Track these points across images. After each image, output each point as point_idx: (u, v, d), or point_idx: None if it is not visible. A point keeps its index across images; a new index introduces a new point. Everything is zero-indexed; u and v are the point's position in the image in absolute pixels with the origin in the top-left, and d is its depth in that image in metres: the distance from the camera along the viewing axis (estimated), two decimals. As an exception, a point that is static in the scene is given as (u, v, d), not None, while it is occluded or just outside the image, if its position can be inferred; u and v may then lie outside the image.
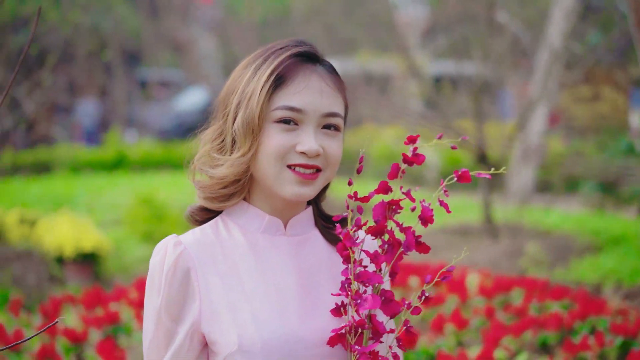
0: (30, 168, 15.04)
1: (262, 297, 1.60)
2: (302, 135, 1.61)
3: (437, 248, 7.97)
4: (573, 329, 4.39)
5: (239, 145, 1.62)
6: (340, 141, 1.69)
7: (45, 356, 4.34)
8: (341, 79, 1.70)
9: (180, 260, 1.62)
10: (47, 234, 8.33)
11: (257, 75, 1.61)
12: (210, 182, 1.65)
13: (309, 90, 1.62)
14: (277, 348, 1.56)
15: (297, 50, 1.64)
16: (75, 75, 18.65)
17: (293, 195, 1.62)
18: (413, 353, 3.95)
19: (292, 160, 1.61)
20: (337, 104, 1.67)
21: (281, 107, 1.60)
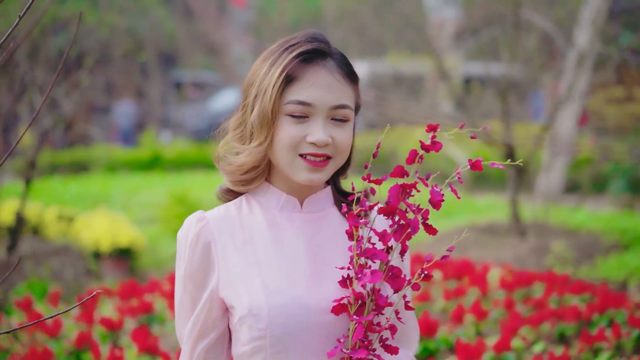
0: (68, 167, 15.39)
1: (274, 267, 1.78)
2: (311, 127, 1.77)
3: (464, 246, 8.10)
4: (591, 321, 4.49)
5: (256, 136, 1.79)
6: (349, 130, 1.83)
7: (82, 343, 4.56)
8: (352, 70, 1.84)
9: (202, 234, 1.81)
10: (85, 230, 8.59)
11: (271, 71, 1.77)
12: (231, 169, 1.83)
13: (317, 85, 1.76)
14: (283, 313, 1.74)
15: (306, 48, 1.78)
16: (112, 77, 18.97)
17: (305, 181, 1.79)
18: (432, 341, 4.11)
19: (303, 149, 1.77)
20: (346, 96, 1.80)
21: (292, 101, 1.76)
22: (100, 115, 21.41)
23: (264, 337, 1.74)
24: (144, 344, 4.32)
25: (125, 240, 8.23)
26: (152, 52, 20.84)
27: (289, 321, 1.74)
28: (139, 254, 8.33)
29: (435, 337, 4.13)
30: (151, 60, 20.98)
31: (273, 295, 1.75)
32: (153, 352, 4.31)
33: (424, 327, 4.06)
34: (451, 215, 10.91)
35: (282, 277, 1.78)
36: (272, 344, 1.74)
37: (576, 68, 8.40)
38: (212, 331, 1.82)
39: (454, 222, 9.94)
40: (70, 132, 14.09)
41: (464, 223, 9.40)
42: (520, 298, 4.91)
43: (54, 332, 4.78)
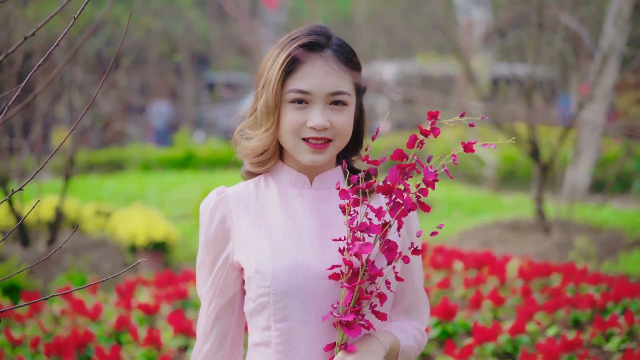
0: (104, 166, 15.79)
1: (283, 233, 1.99)
2: (311, 113, 1.96)
3: (489, 241, 8.28)
4: (605, 309, 4.66)
5: (263, 123, 2.01)
6: (348, 114, 2.00)
7: (121, 326, 4.84)
8: (350, 59, 2.01)
9: (220, 205, 2.06)
10: (121, 225, 8.89)
11: (275, 63, 1.98)
12: (246, 152, 2.06)
13: (314, 74, 1.95)
14: (285, 273, 1.95)
15: (304, 41, 1.97)
16: (147, 77, 19.33)
17: (309, 162, 1.99)
18: (451, 324, 4.33)
19: (305, 134, 1.97)
20: (343, 83, 1.98)
21: (292, 90, 1.96)
22: (135, 115, 21.83)
23: (268, 294, 1.95)
24: (179, 326, 4.59)
25: (160, 234, 8.51)
26: (186, 53, 21.22)
27: (290, 280, 1.95)
28: (173, 248, 8.61)
29: (454, 321, 4.35)
30: (185, 62, 21.35)
31: (278, 256, 1.97)
32: (187, 334, 4.58)
33: (443, 312, 4.28)
34: (477, 212, 11.10)
35: (289, 242, 1.99)
36: (275, 301, 1.95)
37: (601, 68, 8.54)
38: (226, 292, 2.06)
39: (479, 219, 10.13)
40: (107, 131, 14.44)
41: (490, 220, 9.56)
42: (537, 288, 5.09)
43: (94, 316, 5.07)
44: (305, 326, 1.95)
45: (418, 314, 2.15)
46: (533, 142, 8.35)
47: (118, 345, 4.35)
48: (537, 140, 8.39)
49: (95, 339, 4.73)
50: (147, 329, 4.66)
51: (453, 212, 11.33)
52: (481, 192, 13.21)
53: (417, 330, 2.12)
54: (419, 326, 2.13)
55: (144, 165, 16.01)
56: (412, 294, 2.13)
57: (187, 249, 9.06)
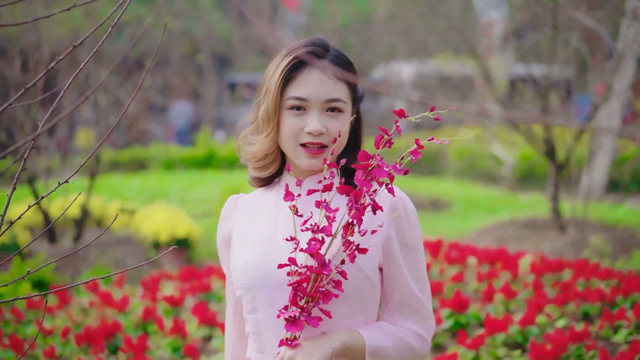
0: (127, 165, 16.07)
1: (266, 233, 2.13)
2: (307, 119, 2.08)
3: (505, 239, 8.42)
4: (615, 303, 4.81)
5: (264, 129, 2.14)
6: (344, 120, 2.10)
7: (148, 316, 5.05)
8: (347, 68, 2.13)
9: (228, 211, 2.25)
10: (145, 222, 9.12)
11: (275, 72, 2.12)
12: (248, 157, 2.19)
13: (310, 82, 2.08)
14: (252, 268, 2.11)
15: (302, 52, 2.11)
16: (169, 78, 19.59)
17: (306, 166, 2.09)
18: (463, 316, 4.51)
19: (302, 139, 2.08)
20: (338, 91, 2.09)
21: (290, 97, 2.09)
22: (157, 115, 22.10)
23: (240, 288, 2.15)
24: (203, 317, 4.80)
25: (183, 231, 8.73)
26: (207, 54, 21.48)
27: (257, 275, 2.11)
28: (195, 244, 8.82)
29: (467, 313, 4.53)
30: (206, 62, 21.61)
31: (251, 254, 2.14)
32: (211, 324, 4.78)
33: (456, 304, 4.46)
34: (494, 211, 11.24)
35: (267, 240, 2.12)
36: (245, 293, 2.13)
37: (616, 68, 8.64)
38: (237, 290, 2.20)
39: (496, 217, 10.27)
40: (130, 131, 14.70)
41: (505, 217, 9.70)
42: (549, 283, 5.24)
43: (121, 308, 5.28)
44: (272, 318, 2.06)
45: (418, 317, 2.14)
46: (548, 141, 8.47)
47: (145, 335, 4.56)
48: (552, 140, 8.50)
49: (123, 329, 4.95)
50: (172, 319, 4.86)
51: (470, 210, 11.49)
52: (498, 191, 13.34)
53: (409, 332, 2.12)
54: (417, 329, 2.13)
55: (166, 165, 16.27)
56: (404, 293, 2.13)
57: (209, 246, 9.26)
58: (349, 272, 2.00)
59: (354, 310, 2.08)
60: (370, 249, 2.03)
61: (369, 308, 2.11)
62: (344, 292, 2.00)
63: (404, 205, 2.10)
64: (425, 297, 2.15)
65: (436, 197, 12.44)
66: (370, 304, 2.11)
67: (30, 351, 4.82)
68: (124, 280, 6.45)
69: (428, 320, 2.15)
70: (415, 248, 2.12)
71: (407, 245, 2.10)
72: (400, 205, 2.09)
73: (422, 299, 2.13)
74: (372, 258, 2.07)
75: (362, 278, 2.06)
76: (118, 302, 5.38)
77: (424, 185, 13.94)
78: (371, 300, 2.11)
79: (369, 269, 2.07)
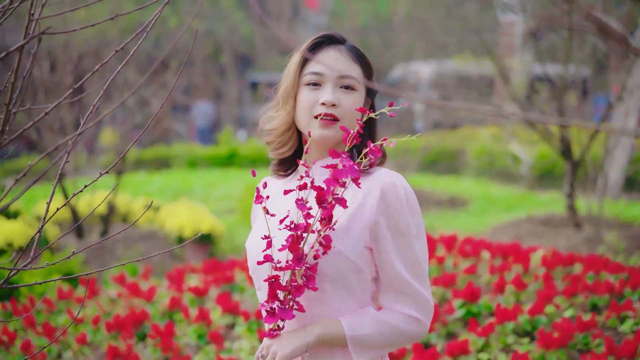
0: (151, 163, 16.38)
1: (270, 220, 2.23)
2: (322, 92, 2.25)
3: (521, 236, 8.58)
4: (623, 295, 4.96)
5: (283, 105, 2.32)
6: (355, 98, 2.25)
7: (174, 306, 5.29)
8: (361, 55, 2.31)
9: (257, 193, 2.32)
10: (169, 218, 9.37)
11: (295, 56, 2.33)
12: (268, 135, 2.36)
13: (326, 59, 2.28)
14: (252, 252, 2.29)
15: (320, 35, 2.32)
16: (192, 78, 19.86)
17: (319, 137, 2.23)
18: (475, 305, 4.70)
19: (316, 111, 2.25)
20: (352, 70, 2.27)
21: (308, 72, 2.27)
22: (180, 114, 22.42)
23: (250, 268, 2.33)
24: (227, 306, 5.03)
25: (206, 227, 8.97)
26: (230, 54, 21.75)
27: (253, 260, 2.28)
28: (218, 239, 9.06)
29: (478, 303, 4.73)
30: (228, 62, 21.87)
31: (253, 241, 2.32)
32: (234, 313, 5.01)
33: (468, 294, 4.66)
34: (512, 209, 11.41)
35: (270, 226, 2.20)
36: (252, 273, 2.29)
37: (631, 67, 8.78)
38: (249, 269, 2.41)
39: (513, 214, 10.43)
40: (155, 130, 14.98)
41: (522, 214, 9.86)
42: (560, 276, 5.41)
43: (149, 298, 5.53)
44: None
45: (409, 299, 2.20)
46: (564, 140, 8.62)
47: (172, 323, 4.80)
48: (568, 138, 8.64)
49: (151, 317, 5.19)
50: (197, 308, 5.09)
51: (488, 208, 11.65)
52: (517, 189, 13.49)
53: (400, 315, 2.19)
54: (409, 311, 2.19)
55: (190, 163, 16.56)
56: (391, 276, 2.19)
57: (231, 242, 9.50)
58: (331, 258, 2.12)
59: (341, 294, 2.16)
60: (354, 233, 2.14)
61: (357, 291, 2.18)
62: (316, 289, 2.11)
63: (394, 190, 2.17)
64: (418, 281, 2.19)
65: (455, 195, 12.61)
66: (357, 286, 2.18)
67: (62, 338, 5.07)
68: (149, 274, 6.70)
69: (420, 303, 2.19)
70: (407, 233, 2.17)
71: (396, 230, 2.16)
72: (390, 190, 2.16)
73: (412, 282, 2.18)
74: (355, 242, 2.15)
75: (344, 262, 2.14)
76: (145, 293, 5.62)
77: (443, 184, 14.12)
78: (358, 283, 2.18)
79: (353, 253, 2.15)
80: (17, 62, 1.87)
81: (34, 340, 5.00)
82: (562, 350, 4.13)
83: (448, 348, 4.19)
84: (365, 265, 2.17)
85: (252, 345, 4.62)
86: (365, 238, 2.16)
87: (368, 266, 2.18)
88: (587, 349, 4.27)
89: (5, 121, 1.87)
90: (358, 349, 2.15)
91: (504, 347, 4.37)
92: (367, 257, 2.18)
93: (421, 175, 14.54)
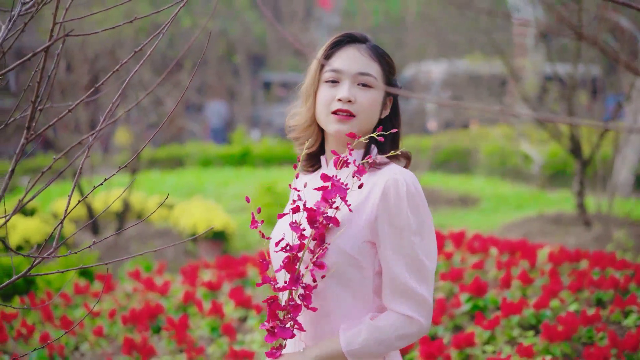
0: (165, 162, 16.55)
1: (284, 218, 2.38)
2: (340, 89, 2.35)
3: (531, 233, 8.67)
4: (628, 290, 5.05)
5: (305, 102, 2.43)
6: (372, 95, 2.32)
7: (188, 299, 5.42)
8: (380, 54, 2.36)
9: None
10: (183, 216, 9.51)
11: (318, 53, 2.43)
12: (293, 131, 2.47)
13: (345, 57, 2.37)
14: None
15: (341, 34, 2.43)
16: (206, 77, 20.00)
17: (335, 131, 2.31)
18: (481, 300, 4.81)
19: (333, 107, 2.34)
20: (369, 67, 2.32)
21: (327, 70, 2.38)
22: (194, 114, 22.57)
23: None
24: (239, 300, 5.16)
25: (219, 224, 9.10)
26: (243, 54, 21.89)
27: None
28: (231, 237, 9.18)
29: (485, 297, 4.83)
30: (242, 62, 22.01)
31: (277, 228, 2.42)
32: (247, 306, 5.14)
33: (475, 288, 4.76)
34: (522, 207, 11.49)
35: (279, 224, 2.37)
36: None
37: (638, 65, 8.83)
38: None
39: (524, 213, 10.52)
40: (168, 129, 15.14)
41: (532, 213, 9.94)
42: (566, 272, 5.51)
43: (163, 292, 5.66)
44: None
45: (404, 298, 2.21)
46: (574, 138, 8.70)
47: (186, 316, 4.93)
48: (578, 137, 8.72)
49: (165, 311, 5.32)
50: (211, 302, 5.22)
51: (499, 206, 11.74)
52: (528, 188, 13.56)
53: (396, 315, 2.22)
54: (404, 310, 2.22)
55: (203, 162, 16.71)
56: (389, 274, 2.22)
57: (244, 239, 9.62)
58: (331, 252, 2.20)
59: (341, 287, 2.23)
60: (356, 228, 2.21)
61: (356, 285, 2.24)
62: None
63: (396, 186, 2.20)
64: (416, 278, 2.21)
65: (466, 194, 12.71)
66: (357, 280, 2.24)
67: (79, 330, 5.22)
68: (164, 269, 6.84)
69: (417, 301, 2.21)
70: (405, 229, 2.20)
71: (395, 226, 2.20)
72: (392, 187, 2.20)
73: (409, 280, 2.20)
74: (355, 238, 2.21)
75: (344, 256, 2.21)
76: (160, 287, 5.76)
77: (454, 182, 14.21)
78: (358, 277, 2.23)
79: (353, 249, 2.21)
80: (43, 62, 1.99)
81: (52, 333, 5.14)
82: (566, 343, 4.23)
83: (454, 340, 4.30)
84: (366, 260, 2.22)
85: (264, 337, 4.74)
86: (366, 233, 2.21)
87: (369, 261, 2.23)
88: (591, 342, 4.36)
89: (31, 118, 2.00)
90: (356, 358, 2.21)
91: (509, 340, 4.48)
92: (369, 251, 2.22)
93: (433, 174, 14.64)
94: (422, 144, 13.64)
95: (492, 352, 4.35)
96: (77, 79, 9.28)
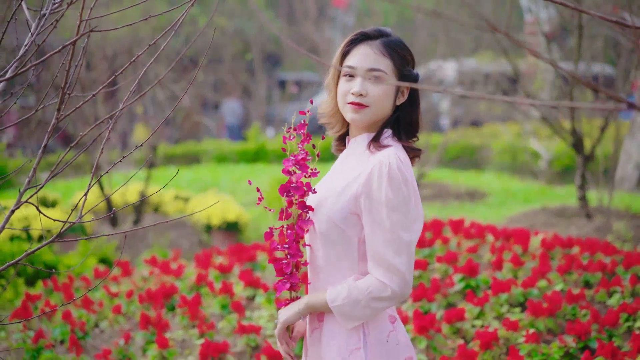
0: (181, 158, 16.94)
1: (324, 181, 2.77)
2: (354, 83, 2.70)
3: (535, 225, 8.95)
4: (614, 274, 5.33)
5: (329, 92, 2.80)
6: (383, 87, 2.64)
7: (201, 281, 5.78)
8: (394, 49, 2.66)
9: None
10: (198, 208, 9.85)
11: (338, 50, 2.79)
12: (322, 117, 2.84)
13: (359, 55, 2.69)
14: None
15: (357, 34, 2.75)
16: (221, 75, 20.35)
17: (350, 120, 2.68)
18: (473, 280, 5.12)
19: (349, 99, 2.69)
20: (379, 63, 2.63)
21: (344, 66, 2.72)
22: (210, 111, 22.95)
23: None
24: (248, 280, 5.50)
25: (233, 215, 9.45)
26: (258, 52, 22.24)
27: None
28: (244, 227, 9.53)
29: (477, 278, 5.15)
30: (257, 60, 22.36)
31: (320, 185, 2.79)
32: (255, 286, 5.48)
33: (468, 269, 5.09)
34: (529, 201, 11.77)
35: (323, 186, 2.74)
36: None
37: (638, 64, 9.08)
38: None
39: (529, 206, 10.81)
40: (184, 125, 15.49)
41: (537, 205, 10.22)
42: (557, 257, 5.80)
43: (177, 274, 6.02)
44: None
45: (379, 266, 2.51)
46: (575, 133, 8.96)
47: (198, 295, 5.28)
48: (579, 132, 8.98)
49: (179, 291, 5.68)
50: (221, 282, 5.57)
51: (506, 200, 12.02)
52: (536, 184, 13.83)
53: (371, 279, 2.52)
54: (378, 276, 2.52)
55: (219, 158, 17.08)
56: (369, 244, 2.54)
57: (257, 231, 9.96)
58: (320, 219, 2.60)
59: (328, 247, 2.60)
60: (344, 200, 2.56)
61: (340, 248, 2.58)
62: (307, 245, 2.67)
63: (380, 166, 2.52)
64: (391, 250, 2.49)
65: (474, 189, 12.99)
66: (341, 244, 2.58)
67: (99, 309, 5.58)
68: (178, 257, 7.20)
69: (390, 271, 2.49)
70: (384, 204, 2.50)
71: (374, 200, 2.52)
72: (377, 166, 2.53)
73: (384, 251, 2.50)
74: (342, 210, 2.57)
75: (330, 224, 2.57)
76: (174, 270, 6.12)
77: (464, 178, 14.50)
78: (342, 242, 2.58)
79: (337, 218, 2.56)
80: (71, 54, 2.34)
81: (75, 312, 5.51)
82: (550, 319, 4.55)
83: (446, 315, 4.62)
84: (350, 229, 2.56)
85: (270, 313, 5.09)
86: (351, 206, 2.55)
87: (354, 230, 2.57)
88: (574, 318, 4.67)
89: (61, 101, 2.35)
90: (341, 314, 2.54)
91: (498, 316, 4.80)
92: (355, 222, 2.56)
93: (442, 170, 14.92)
94: (432, 140, 13.93)
95: (480, 326, 4.67)
96: (97, 76, 9.65)
